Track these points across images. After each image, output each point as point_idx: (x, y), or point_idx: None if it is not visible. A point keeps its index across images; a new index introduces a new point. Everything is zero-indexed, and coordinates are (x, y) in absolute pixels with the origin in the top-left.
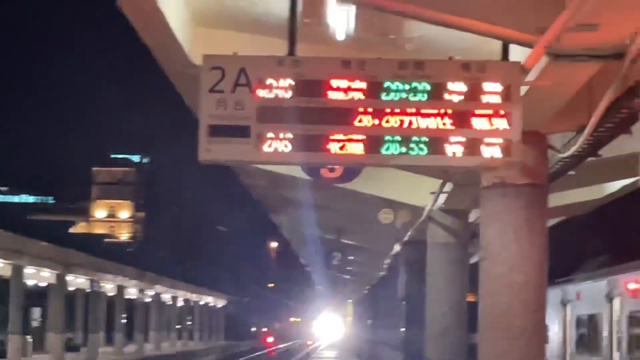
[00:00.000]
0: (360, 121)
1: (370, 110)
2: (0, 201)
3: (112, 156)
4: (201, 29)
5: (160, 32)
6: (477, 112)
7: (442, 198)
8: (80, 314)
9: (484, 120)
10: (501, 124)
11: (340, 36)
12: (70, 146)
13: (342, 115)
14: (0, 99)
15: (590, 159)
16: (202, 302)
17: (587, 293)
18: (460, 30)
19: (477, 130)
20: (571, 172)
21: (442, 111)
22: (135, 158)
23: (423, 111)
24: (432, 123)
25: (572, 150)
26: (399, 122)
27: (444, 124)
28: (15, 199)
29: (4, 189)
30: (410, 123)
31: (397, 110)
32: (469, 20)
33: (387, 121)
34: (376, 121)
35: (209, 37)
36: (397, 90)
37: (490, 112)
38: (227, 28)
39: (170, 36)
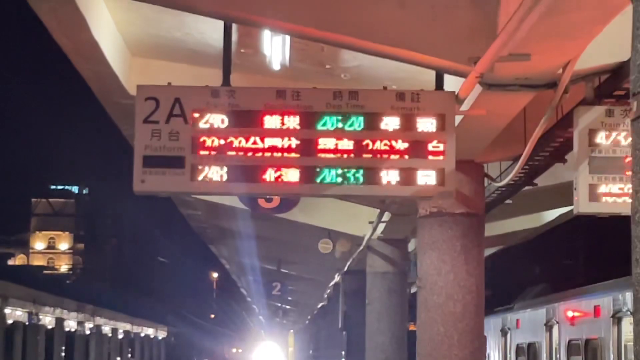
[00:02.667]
0: (295, 151)
1: (305, 140)
2: None
3: (51, 187)
4: (137, 59)
5: (95, 63)
6: (412, 141)
7: (381, 227)
8: (18, 347)
9: (419, 149)
10: (435, 153)
11: (275, 66)
12: (8, 177)
13: (277, 145)
14: None
15: (526, 187)
16: (142, 334)
17: (526, 321)
18: (394, 60)
19: (412, 160)
20: (508, 201)
21: (377, 141)
22: (75, 189)
23: (358, 141)
24: (367, 153)
25: (508, 179)
26: (334, 152)
27: (379, 153)
28: None
29: None
30: (346, 153)
31: (332, 140)
32: (403, 51)
33: (323, 151)
34: (311, 151)
35: (145, 67)
36: (332, 120)
37: (424, 141)
38: (162, 58)
39: (105, 67)
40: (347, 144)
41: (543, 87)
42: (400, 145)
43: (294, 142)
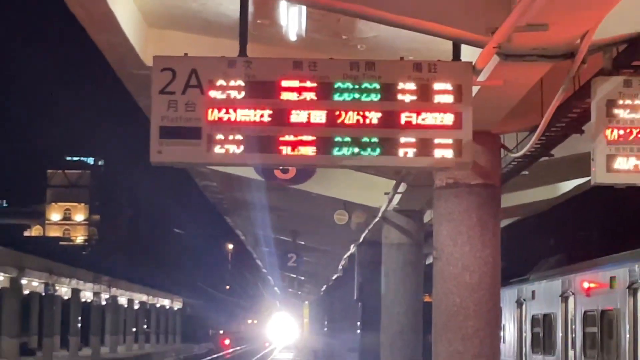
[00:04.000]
0: (311, 122)
1: (321, 110)
2: None
3: (67, 159)
4: (153, 30)
5: (111, 34)
6: (429, 112)
7: (397, 199)
8: (34, 318)
9: (435, 120)
10: (452, 124)
11: (292, 37)
12: (25, 149)
13: (294, 116)
14: None
15: (543, 158)
16: (158, 305)
17: (542, 292)
18: (411, 30)
19: (429, 131)
20: (524, 172)
21: (394, 111)
22: (90, 160)
23: (374, 112)
24: (383, 124)
25: (525, 150)
26: (350, 123)
27: (396, 124)
28: None
29: None
30: (362, 124)
31: (348, 111)
32: (420, 21)
33: (339, 122)
34: (328, 122)
35: (161, 38)
36: (348, 91)
37: (441, 112)
38: (178, 29)
39: (121, 38)
40: (363, 115)
41: (560, 57)
42: (417, 116)
43: (310, 113)
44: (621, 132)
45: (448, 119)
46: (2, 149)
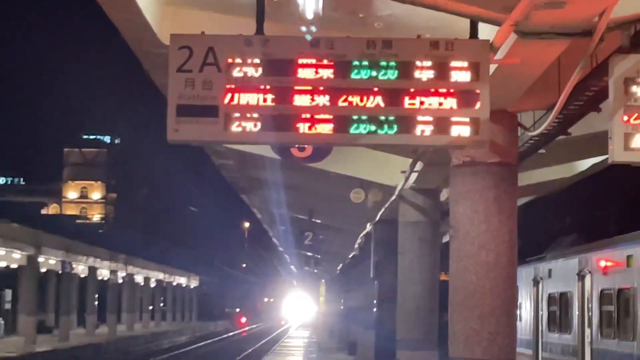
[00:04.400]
0: (329, 100)
1: (339, 89)
2: None
3: (84, 137)
4: (170, 8)
5: (128, 13)
6: (446, 90)
7: (413, 177)
8: (52, 295)
9: (452, 98)
10: (469, 102)
11: (309, 15)
12: (41, 127)
13: (311, 94)
14: None
15: (560, 137)
16: (174, 283)
17: (558, 271)
18: (428, 8)
19: (446, 109)
20: (541, 151)
21: (411, 90)
22: (107, 139)
23: (391, 90)
24: (400, 102)
25: (542, 128)
26: (367, 101)
27: (413, 102)
28: None
29: None
30: (379, 102)
31: (365, 89)
32: None
33: (356, 100)
34: (345, 100)
35: (178, 16)
36: (365, 70)
37: (458, 90)
38: (195, 7)
39: (138, 16)
40: (380, 93)
41: (578, 35)
42: (434, 94)
43: (327, 91)
44: (639, 110)
45: (465, 97)
46: (20, 128)
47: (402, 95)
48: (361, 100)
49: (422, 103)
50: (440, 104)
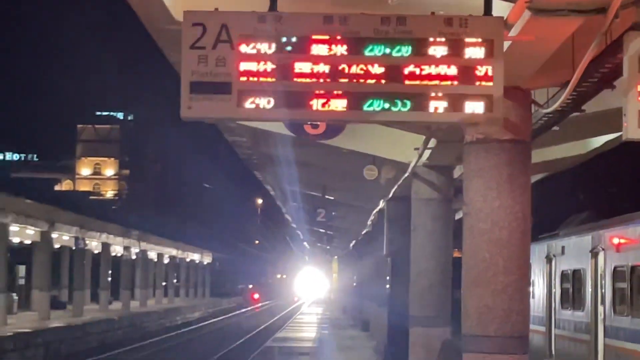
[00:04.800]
0: (342, 77)
1: (352, 66)
2: None
3: (97, 114)
4: None
5: None
6: (459, 67)
7: (426, 154)
8: (65, 271)
9: (466, 75)
10: (483, 79)
11: None
12: (55, 104)
13: (325, 71)
14: None
15: (573, 114)
16: (187, 259)
17: (571, 248)
18: None
19: (459, 86)
20: (555, 128)
21: (425, 67)
22: (120, 115)
23: (405, 67)
24: (414, 79)
25: (556, 105)
26: (381, 78)
27: (426, 79)
28: None
29: None
30: (393, 79)
31: (379, 66)
32: None
33: (370, 77)
34: (359, 77)
35: None
36: (379, 47)
37: (472, 67)
38: None
39: None
40: (394, 70)
41: (593, 12)
42: (448, 71)
43: (341, 68)
44: None
45: (479, 74)
46: (33, 105)
47: (416, 72)
48: (374, 77)
49: (435, 80)
50: (454, 81)
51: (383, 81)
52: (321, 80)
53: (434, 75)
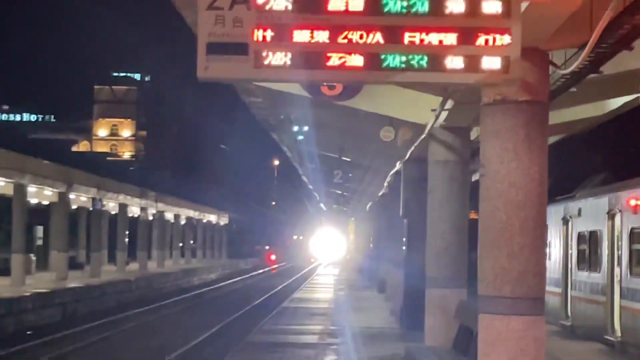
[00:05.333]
0: (360, 36)
1: (370, 25)
2: (1, 120)
3: (114, 75)
4: None
5: None
6: (477, 27)
7: (443, 115)
8: (83, 232)
9: (484, 35)
10: (501, 39)
11: None
12: (72, 64)
13: (342, 31)
14: (1, 16)
15: (591, 75)
16: (204, 220)
17: (588, 210)
18: None
19: (477, 46)
20: (572, 89)
21: (443, 26)
22: (137, 76)
23: (423, 26)
24: (432, 38)
25: (573, 66)
26: (399, 38)
27: (444, 39)
28: (17, 117)
29: (5, 107)
30: (411, 38)
31: (397, 25)
32: None
33: (388, 36)
34: (376, 36)
35: None
36: (396, 5)
37: (490, 27)
38: None
39: None
40: (411, 29)
41: None
42: (466, 30)
43: (358, 27)
44: None
45: (497, 34)
46: (50, 65)
47: (434, 32)
48: (393, 37)
49: (453, 40)
50: (472, 41)
51: (400, 39)
52: (338, 38)
53: (451, 35)
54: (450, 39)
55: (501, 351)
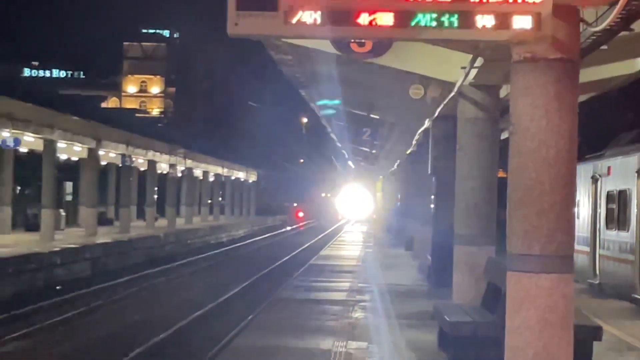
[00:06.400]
0: None
1: None
2: (31, 76)
3: (143, 31)
4: None
5: None
6: None
7: (473, 73)
8: (112, 188)
9: None
10: None
11: None
12: (101, 21)
13: None
14: None
15: (622, 33)
16: (232, 177)
17: (617, 169)
18: None
19: (507, 3)
20: (603, 47)
21: None
22: (166, 33)
23: None
24: None
25: (605, 24)
26: None
27: None
28: (46, 73)
29: (34, 63)
30: None
31: None
32: None
33: None
34: None
35: None
36: None
37: None
38: None
39: None
40: None
41: None
42: None
43: None
44: None
45: None
46: (79, 21)
47: None
48: None
49: None
50: None
51: None
52: None
53: None
54: None
55: (530, 309)
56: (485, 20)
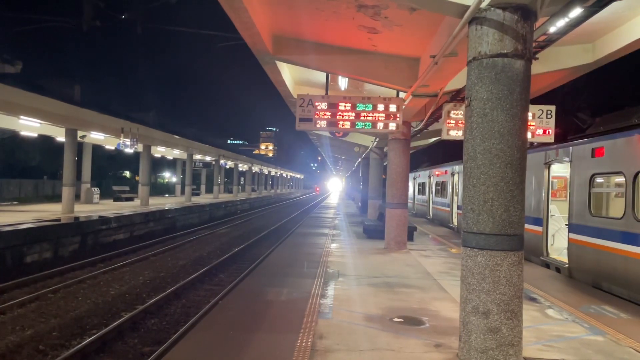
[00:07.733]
0: (349, 116)
1: (352, 112)
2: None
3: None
4: (297, 86)
5: (283, 86)
6: (386, 114)
7: (375, 143)
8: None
9: (389, 116)
10: (396, 118)
11: (342, 87)
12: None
13: (344, 114)
14: None
15: (431, 127)
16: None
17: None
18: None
19: (387, 119)
20: (418, 135)
21: (375, 114)
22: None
23: (369, 112)
24: (371, 117)
25: (418, 128)
26: (360, 116)
27: (376, 117)
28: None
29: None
30: (365, 117)
31: (360, 113)
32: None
33: (358, 116)
34: (353, 116)
35: (298, 89)
36: (361, 106)
37: (392, 114)
38: (304, 85)
39: (285, 87)
40: (365, 115)
41: None
42: (383, 114)
43: (349, 113)
44: None
45: (393, 116)
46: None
47: (372, 114)
48: (359, 116)
49: (380, 117)
50: (385, 118)
51: (361, 117)
52: (343, 115)
53: (378, 116)
54: (378, 117)
55: (393, 219)
56: (380, 125)
